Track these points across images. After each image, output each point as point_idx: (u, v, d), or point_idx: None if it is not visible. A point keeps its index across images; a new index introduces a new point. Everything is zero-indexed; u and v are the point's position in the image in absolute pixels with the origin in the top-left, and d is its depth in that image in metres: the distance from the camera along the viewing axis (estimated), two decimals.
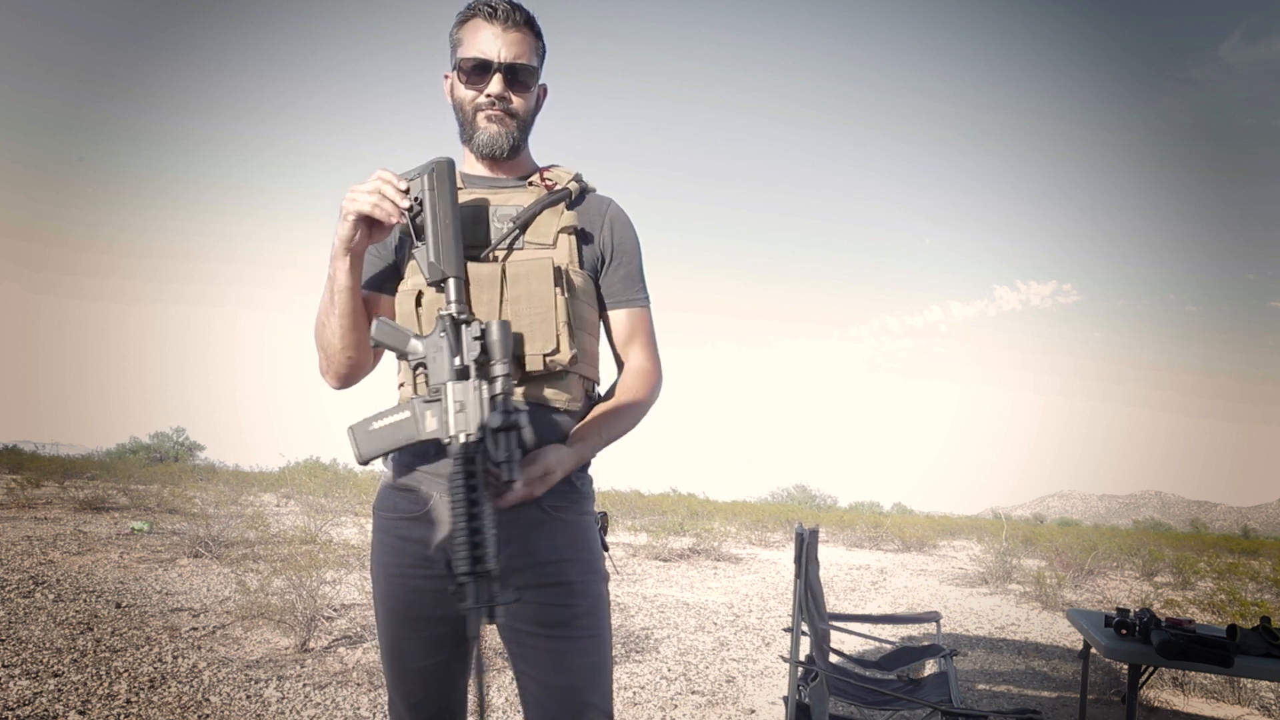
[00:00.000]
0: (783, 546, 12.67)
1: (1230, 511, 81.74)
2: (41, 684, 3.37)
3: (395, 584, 1.46)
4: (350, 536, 8.32)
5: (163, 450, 22.30)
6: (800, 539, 3.03)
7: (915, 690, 3.21)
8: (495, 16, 1.47)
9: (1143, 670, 2.95)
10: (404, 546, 1.45)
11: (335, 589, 5.64)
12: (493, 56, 1.46)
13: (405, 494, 1.46)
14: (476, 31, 1.48)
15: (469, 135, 1.51)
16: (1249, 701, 4.46)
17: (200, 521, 7.69)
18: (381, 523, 1.49)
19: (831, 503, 26.58)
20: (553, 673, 1.42)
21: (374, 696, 3.56)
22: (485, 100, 1.48)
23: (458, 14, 1.52)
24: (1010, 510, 39.80)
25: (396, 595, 1.46)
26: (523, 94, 1.50)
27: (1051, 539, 12.85)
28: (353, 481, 14.56)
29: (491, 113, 1.48)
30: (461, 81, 1.49)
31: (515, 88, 1.49)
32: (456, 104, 1.52)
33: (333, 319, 1.43)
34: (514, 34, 1.48)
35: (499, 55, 1.46)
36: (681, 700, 3.96)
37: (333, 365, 1.49)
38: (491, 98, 1.47)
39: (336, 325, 1.43)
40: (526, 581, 1.39)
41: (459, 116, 1.53)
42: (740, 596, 7.40)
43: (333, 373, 1.50)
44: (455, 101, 1.52)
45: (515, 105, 1.50)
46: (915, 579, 9.67)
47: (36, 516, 8.75)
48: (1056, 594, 7.91)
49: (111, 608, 4.81)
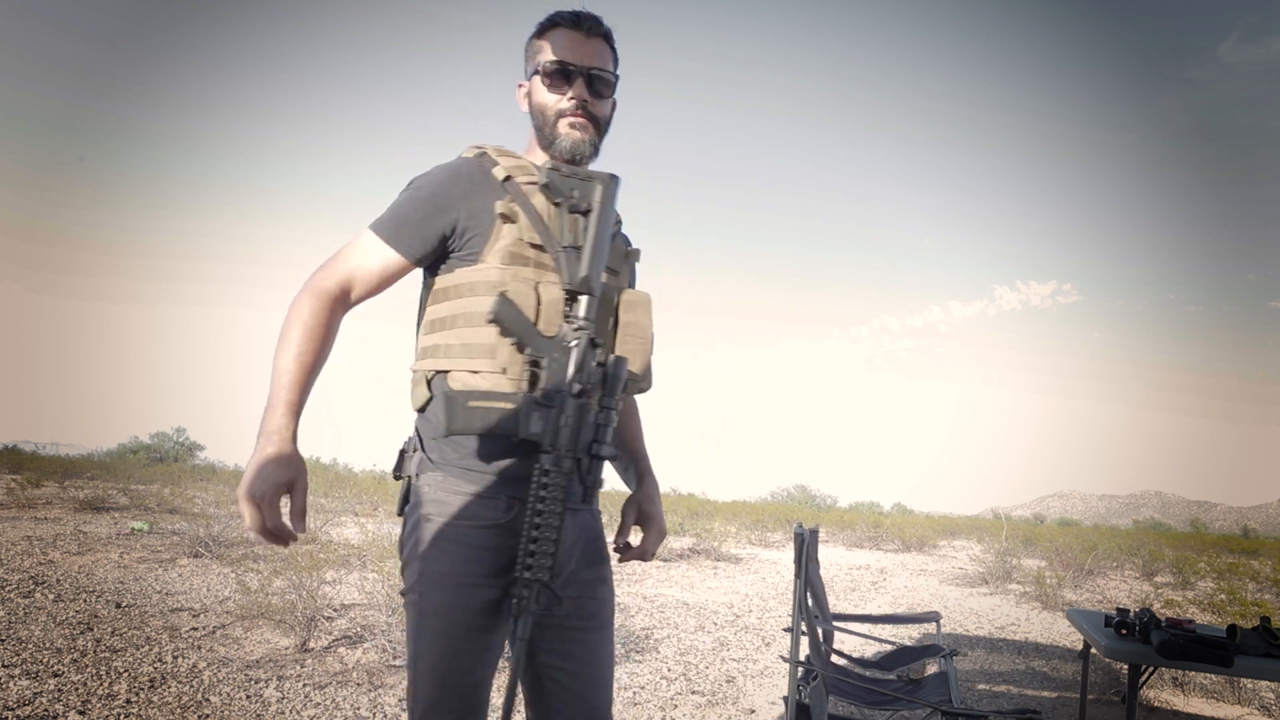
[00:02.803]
0: (783, 546, 12.67)
1: (1230, 511, 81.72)
2: (41, 684, 3.37)
3: (467, 594, 1.39)
4: (350, 536, 8.32)
5: (163, 450, 22.28)
6: (800, 539, 3.03)
7: (915, 690, 3.21)
8: (578, 25, 1.53)
9: (1143, 670, 2.95)
10: (484, 556, 1.40)
11: (335, 589, 5.64)
12: (576, 62, 1.51)
13: (486, 501, 1.42)
14: (559, 39, 1.53)
15: (549, 140, 1.53)
16: (1249, 701, 4.46)
17: (200, 521, 7.69)
18: (457, 532, 1.41)
19: (831, 503, 26.57)
20: (589, 664, 1.49)
21: (374, 696, 3.56)
22: (568, 105, 1.51)
23: (538, 23, 1.57)
24: (1010, 510, 39.79)
25: (464, 606, 1.39)
26: (602, 101, 1.56)
27: (1051, 539, 12.85)
28: (353, 481, 14.56)
29: (574, 119, 1.52)
30: (544, 85, 1.53)
31: (596, 94, 1.54)
32: (536, 109, 1.55)
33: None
34: (596, 43, 1.54)
35: (582, 61, 1.52)
36: (681, 700, 3.96)
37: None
38: (575, 101, 1.51)
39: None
40: (586, 578, 1.51)
41: (537, 121, 1.55)
42: (740, 596, 7.40)
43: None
44: (535, 106, 1.55)
45: (596, 111, 1.54)
46: (915, 579, 9.67)
47: (36, 516, 8.74)
48: (1056, 594, 7.91)
49: (111, 608, 4.81)
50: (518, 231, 1.43)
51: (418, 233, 1.46)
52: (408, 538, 1.46)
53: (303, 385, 1.38)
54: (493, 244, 1.43)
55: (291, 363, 1.37)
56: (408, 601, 1.43)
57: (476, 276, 1.43)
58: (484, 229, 1.44)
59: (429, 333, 1.47)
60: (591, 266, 1.40)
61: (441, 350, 1.43)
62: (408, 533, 1.46)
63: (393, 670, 3.93)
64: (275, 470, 1.31)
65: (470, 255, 1.45)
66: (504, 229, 1.43)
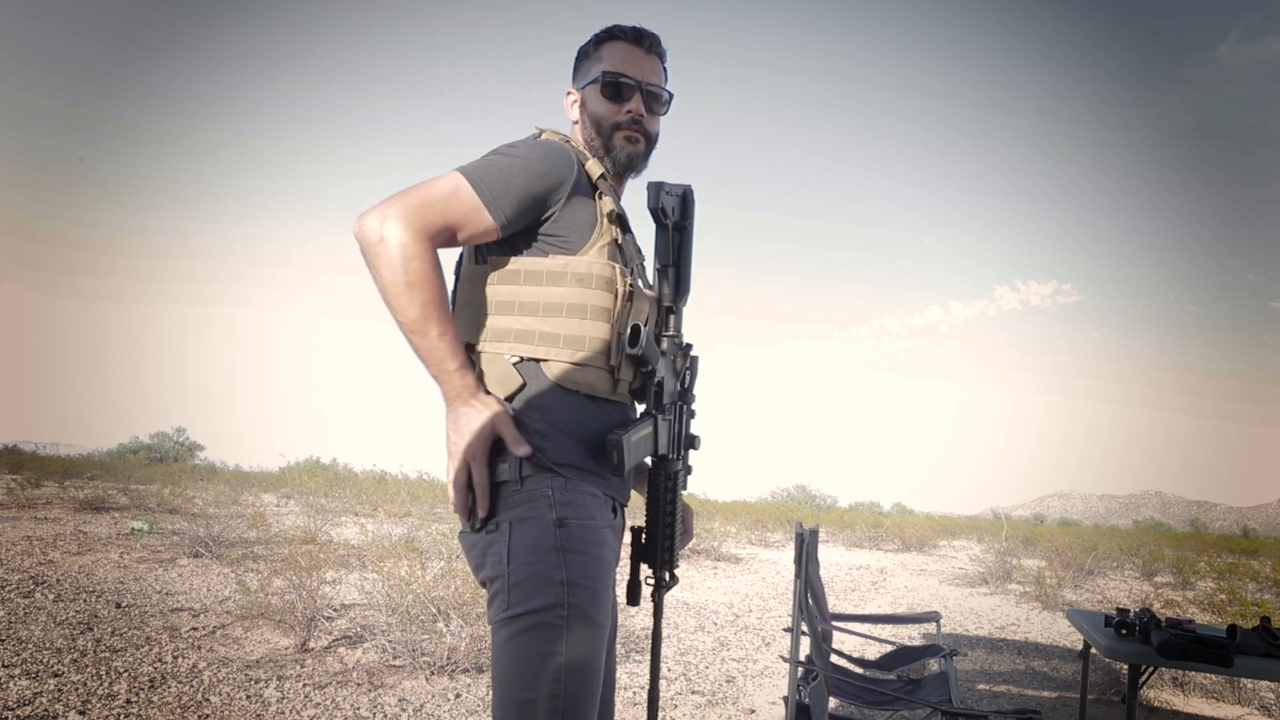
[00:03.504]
0: (783, 546, 12.66)
1: (1230, 511, 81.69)
2: (41, 684, 3.36)
3: (606, 596, 1.37)
4: (350, 536, 8.32)
5: (163, 450, 22.28)
6: (800, 539, 3.03)
7: (915, 690, 3.21)
8: (639, 41, 1.56)
9: (1143, 670, 2.95)
10: (610, 557, 1.41)
11: (335, 589, 5.64)
12: (635, 76, 1.55)
13: (602, 503, 1.41)
14: (619, 52, 1.56)
15: (606, 150, 1.55)
16: (1249, 701, 4.46)
17: (200, 521, 7.69)
18: (598, 535, 1.37)
19: (831, 503, 26.56)
20: (609, 659, 1.53)
21: (374, 696, 3.56)
22: (626, 118, 1.54)
23: (596, 34, 1.60)
24: (1010, 510, 39.78)
25: (606, 609, 1.37)
26: (655, 117, 1.60)
27: (1051, 539, 12.85)
28: (353, 481, 14.56)
29: (631, 132, 1.54)
30: (605, 96, 1.55)
31: (650, 109, 1.57)
32: (591, 118, 1.56)
33: (426, 324, 1.30)
34: (654, 60, 1.58)
35: (641, 76, 1.55)
36: (681, 700, 3.96)
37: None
38: (632, 114, 1.54)
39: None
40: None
41: (590, 131, 1.56)
42: (740, 596, 7.40)
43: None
44: (590, 115, 1.56)
45: (649, 126, 1.57)
46: (915, 579, 9.67)
47: (36, 516, 8.74)
48: (1056, 594, 7.91)
49: (111, 608, 4.80)
50: (615, 232, 1.46)
51: (519, 205, 1.37)
52: (531, 549, 1.31)
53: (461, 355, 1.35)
54: (596, 239, 1.42)
55: (449, 334, 1.32)
56: (537, 622, 1.28)
57: (585, 269, 1.39)
58: (584, 221, 1.42)
59: (507, 314, 1.40)
60: (684, 280, 1.51)
61: (537, 336, 1.38)
62: (528, 543, 1.31)
63: (392, 670, 3.93)
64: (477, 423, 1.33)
65: (566, 244, 1.41)
66: (607, 227, 1.45)
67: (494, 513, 1.34)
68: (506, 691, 1.28)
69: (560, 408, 1.38)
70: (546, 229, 1.41)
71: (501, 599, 1.31)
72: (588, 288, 1.39)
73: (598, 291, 1.39)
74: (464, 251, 1.50)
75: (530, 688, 1.26)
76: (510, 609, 1.29)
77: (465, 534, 1.39)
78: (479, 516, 1.34)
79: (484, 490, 1.32)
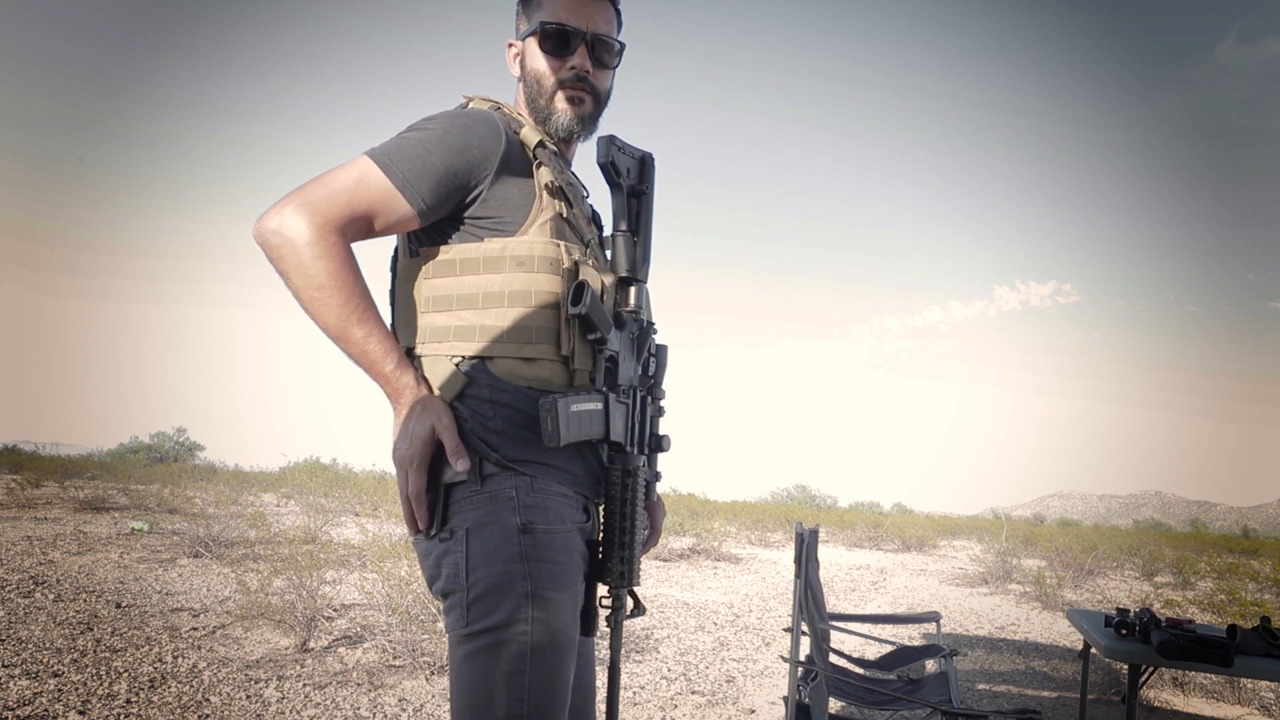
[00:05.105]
0: (783, 546, 12.66)
1: (1230, 511, 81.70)
2: (41, 684, 3.36)
3: (573, 610, 1.25)
4: (350, 536, 8.32)
5: (163, 450, 22.30)
6: (800, 539, 3.03)
7: (915, 690, 3.21)
8: None
9: (1143, 670, 2.95)
10: (581, 563, 1.29)
11: (335, 589, 5.64)
12: (579, 25, 1.33)
13: (572, 503, 1.28)
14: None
15: (544, 114, 1.36)
16: (1249, 701, 4.46)
17: (200, 521, 7.69)
18: (563, 540, 1.24)
19: (831, 503, 26.59)
20: (586, 669, 1.41)
21: (374, 696, 3.56)
22: (569, 74, 1.34)
23: None
24: (1010, 510, 39.78)
25: (574, 623, 1.25)
26: (605, 71, 1.39)
27: (1051, 539, 12.86)
28: (353, 481, 14.55)
29: (575, 91, 1.35)
30: (545, 50, 1.34)
31: (599, 62, 1.37)
32: (531, 75, 1.37)
33: (346, 325, 1.18)
34: (603, 4, 1.37)
35: (585, 25, 1.34)
36: (681, 700, 3.96)
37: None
38: (575, 70, 1.34)
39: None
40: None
41: (531, 90, 1.37)
42: (740, 596, 7.40)
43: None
44: (529, 73, 1.37)
45: (597, 83, 1.37)
46: (915, 579, 9.67)
47: (36, 516, 8.74)
48: (1056, 594, 7.91)
49: (111, 608, 4.80)
50: (558, 206, 1.28)
51: (438, 188, 1.22)
52: (490, 558, 1.19)
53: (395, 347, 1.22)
54: (535, 217, 1.26)
55: (376, 332, 1.20)
56: (498, 640, 1.17)
57: (526, 250, 1.24)
58: (518, 197, 1.26)
59: (445, 310, 1.25)
60: (646, 253, 1.31)
61: (478, 332, 1.23)
62: (487, 552, 1.19)
63: (392, 670, 3.93)
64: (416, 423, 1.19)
65: (501, 225, 1.26)
66: (547, 201, 1.27)
67: (448, 518, 1.21)
68: (464, 713, 1.17)
69: (515, 403, 1.24)
70: (476, 210, 1.25)
71: (459, 613, 1.19)
72: (530, 271, 1.23)
73: (542, 275, 1.23)
74: (398, 245, 1.36)
75: (489, 708, 1.15)
76: (469, 625, 1.18)
77: (419, 540, 1.26)
78: (420, 526, 1.22)
79: (420, 499, 1.20)
